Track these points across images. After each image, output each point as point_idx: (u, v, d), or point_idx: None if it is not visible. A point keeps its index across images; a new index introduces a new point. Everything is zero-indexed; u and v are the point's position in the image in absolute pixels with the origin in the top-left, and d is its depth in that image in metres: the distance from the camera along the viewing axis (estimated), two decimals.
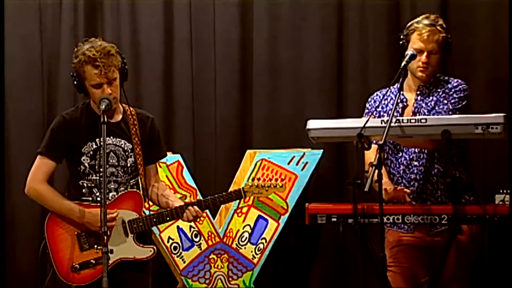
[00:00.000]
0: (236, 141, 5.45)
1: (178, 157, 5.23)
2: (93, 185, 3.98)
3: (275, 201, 5.12)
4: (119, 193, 3.99)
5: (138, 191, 4.03)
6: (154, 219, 3.97)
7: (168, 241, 5.16)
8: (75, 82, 3.95)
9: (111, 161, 3.96)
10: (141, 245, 3.96)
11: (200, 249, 5.18)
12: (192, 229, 5.17)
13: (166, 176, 5.15)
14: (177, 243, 5.16)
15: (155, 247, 4.00)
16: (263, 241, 5.16)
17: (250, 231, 5.17)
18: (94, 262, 3.89)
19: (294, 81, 5.42)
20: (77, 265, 3.89)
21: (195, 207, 3.98)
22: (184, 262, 5.18)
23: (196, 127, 5.48)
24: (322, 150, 5.14)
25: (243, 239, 5.18)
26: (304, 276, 5.36)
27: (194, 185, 5.21)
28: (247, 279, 5.15)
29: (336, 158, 5.30)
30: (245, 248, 5.18)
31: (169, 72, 5.52)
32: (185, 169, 5.22)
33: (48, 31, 5.55)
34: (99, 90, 3.87)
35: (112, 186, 3.97)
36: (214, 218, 5.21)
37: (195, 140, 5.47)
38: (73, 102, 5.22)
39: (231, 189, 4.97)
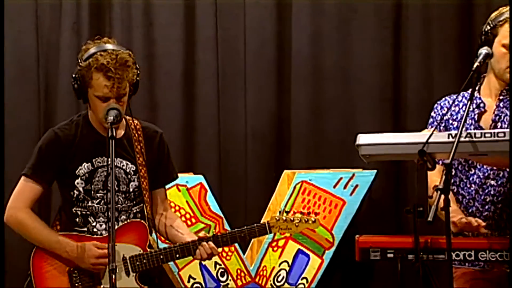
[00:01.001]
0: (271, 160, 5.46)
1: (200, 178, 5.22)
2: (88, 213, 3.96)
3: (318, 233, 5.06)
4: (120, 223, 3.97)
5: (142, 221, 4.00)
6: (161, 256, 3.93)
7: (188, 281, 5.12)
8: (75, 86, 3.91)
9: (110, 185, 3.87)
10: (144, 287, 3.92)
11: None
12: (218, 266, 5.14)
13: (187, 201, 5.13)
14: (200, 283, 5.13)
15: None
16: (304, 281, 5.12)
17: (288, 268, 5.13)
18: None
19: (341, 87, 5.43)
20: None
21: (210, 243, 3.94)
22: None
23: (222, 143, 5.49)
24: (375, 171, 5.12)
25: (279, 279, 5.14)
26: None
27: (220, 213, 5.19)
28: None
29: (393, 180, 5.30)
30: None
31: (190, 76, 5.53)
32: (209, 193, 5.21)
33: (45, 27, 5.56)
34: (103, 104, 3.85)
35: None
36: (244, 253, 5.18)
37: (221, 158, 5.49)
38: (75, 113, 5.19)
39: (264, 218, 4.97)
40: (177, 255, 3.96)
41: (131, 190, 3.99)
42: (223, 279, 5.14)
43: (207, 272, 5.13)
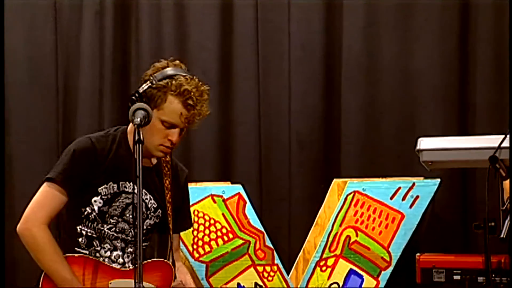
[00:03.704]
0: (318, 168, 5.46)
1: (239, 188, 5.19)
2: (94, 235, 3.93)
3: (373, 250, 5.04)
4: (125, 254, 3.97)
5: (169, 262, 3.98)
6: None
7: None
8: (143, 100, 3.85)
9: (127, 214, 3.94)
10: None
11: None
12: None
13: (223, 214, 5.12)
14: None
15: None
16: None
17: None
18: None
19: (399, 86, 5.43)
20: None
21: None
22: None
23: (263, 149, 5.52)
24: (438, 180, 5.04)
25: None
26: None
27: (261, 228, 5.16)
28: None
29: (459, 190, 5.28)
30: None
31: (227, 76, 5.58)
32: (248, 204, 5.17)
33: (64, 19, 5.64)
34: (166, 130, 3.82)
35: (118, 244, 3.96)
36: (288, 273, 5.15)
37: (262, 166, 5.52)
38: (97, 117, 5.26)
39: (311, 233, 5.02)
40: None
41: (144, 227, 3.96)
42: None
43: None
